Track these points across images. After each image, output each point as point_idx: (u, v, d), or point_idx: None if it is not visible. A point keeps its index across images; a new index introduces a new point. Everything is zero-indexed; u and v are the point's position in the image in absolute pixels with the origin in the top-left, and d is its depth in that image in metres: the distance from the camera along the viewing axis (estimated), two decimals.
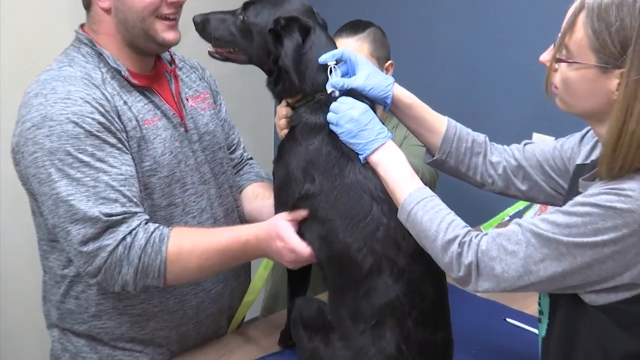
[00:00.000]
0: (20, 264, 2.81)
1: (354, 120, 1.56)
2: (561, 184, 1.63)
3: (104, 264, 1.62)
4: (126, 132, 1.70)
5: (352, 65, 1.64)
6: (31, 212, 1.81)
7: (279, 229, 1.64)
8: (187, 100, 1.91)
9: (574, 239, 1.28)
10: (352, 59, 1.64)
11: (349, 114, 1.57)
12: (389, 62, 2.37)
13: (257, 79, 1.85)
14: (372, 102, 1.66)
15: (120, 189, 1.63)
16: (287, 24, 1.65)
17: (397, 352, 1.53)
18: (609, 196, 1.27)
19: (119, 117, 1.70)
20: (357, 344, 1.56)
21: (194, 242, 1.69)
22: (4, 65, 2.70)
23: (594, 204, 1.28)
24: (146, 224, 1.66)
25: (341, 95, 1.61)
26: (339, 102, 1.60)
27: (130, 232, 1.62)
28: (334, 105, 1.60)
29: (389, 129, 1.61)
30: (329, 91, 1.61)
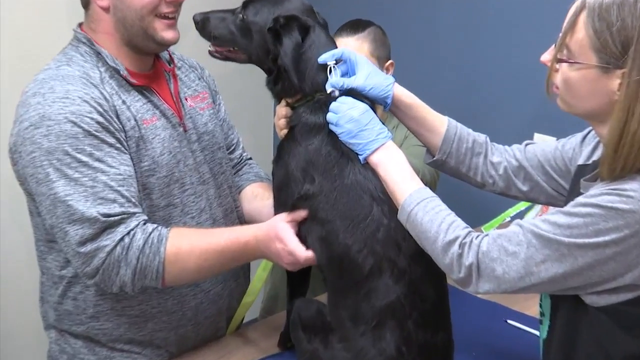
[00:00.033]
0: (19, 264, 2.80)
1: (353, 120, 1.56)
2: (562, 185, 1.62)
3: (101, 265, 1.61)
4: (125, 131, 1.70)
5: (352, 64, 1.64)
6: (29, 212, 1.80)
7: (278, 231, 1.64)
8: (186, 99, 1.90)
9: (575, 240, 1.28)
10: (352, 58, 1.64)
11: (349, 114, 1.56)
12: (389, 61, 2.37)
13: (257, 79, 1.85)
14: (372, 102, 1.65)
15: (118, 189, 1.62)
16: (287, 22, 1.64)
17: (397, 354, 1.52)
18: (610, 197, 1.27)
19: (118, 117, 1.69)
20: (357, 346, 1.55)
21: (192, 243, 1.68)
22: (2, 64, 2.69)
23: (596, 205, 1.27)
24: (144, 224, 1.65)
25: (341, 95, 1.60)
26: (338, 102, 1.59)
27: (128, 233, 1.61)
28: (334, 105, 1.59)
29: (389, 129, 1.60)
30: (328, 91, 1.61)
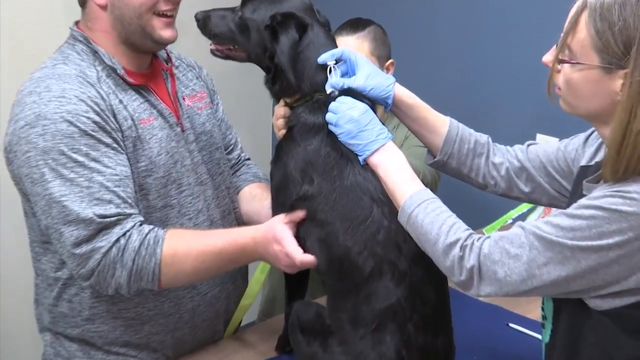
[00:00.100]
0: (15, 265, 2.80)
1: (353, 120, 1.54)
2: (565, 186, 1.61)
3: (97, 266, 1.60)
4: (121, 131, 1.69)
5: (352, 64, 1.63)
6: (23, 212, 1.79)
7: (276, 232, 1.63)
8: (184, 99, 1.89)
9: (578, 243, 1.27)
10: (352, 58, 1.63)
11: (349, 114, 1.55)
12: (390, 61, 2.37)
13: (255, 78, 1.84)
14: (373, 102, 1.64)
15: (114, 189, 1.61)
16: (284, 20, 1.63)
17: (397, 357, 1.51)
18: (614, 199, 1.25)
19: (114, 116, 1.68)
20: (357, 349, 1.54)
21: (189, 245, 1.67)
22: None
23: (599, 207, 1.26)
24: (140, 225, 1.64)
25: (340, 94, 1.59)
26: (338, 102, 1.58)
27: (124, 234, 1.60)
28: (333, 105, 1.58)
29: (389, 130, 1.59)
30: (328, 92, 1.60)
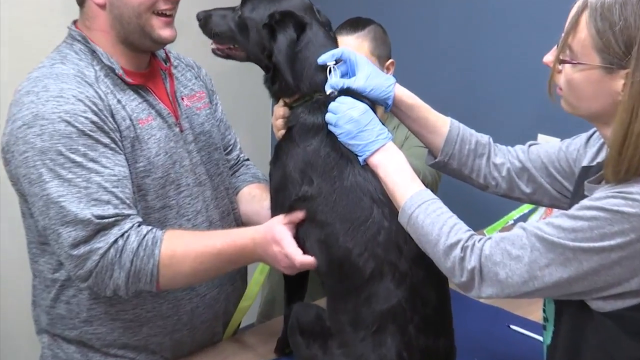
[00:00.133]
0: (13, 266, 2.79)
1: (353, 120, 1.54)
2: (566, 187, 1.60)
3: (95, 268, 1.59)
4: (120, 131, 1.68)
5: (352, 65, 1.62)
6: (21, 213, 1.78)
7: (276, 233, 1.62)
8: (183, 99, 1.88)
9: (580, 244, 1.26)
10: (352, 58, 1.62)
11: (349, 114, 1.54)
12: (390, 60, 2.36)
13: (254, 78, 1.83)
14: (373, 102, 1.63)
15: (112, 190, 1.60)
16: (282, 18, 1.63)
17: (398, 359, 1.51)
18: (616, 200, 1.25)
19: (113, 116, 1.67)
20: (357, 351, 1.54)
21: (188, 246, 1.66)
22: None
23: (601, 208, 1.25)
24: (139, 226, 1.63)
25: (340, 94, 1.58)
26: (337, 102, 1.57)
27: (122, 235, 1.59)
28: (333, 105, 1.57)
29: (389, 130, 1.58)
30: (327, 92, 1.59)
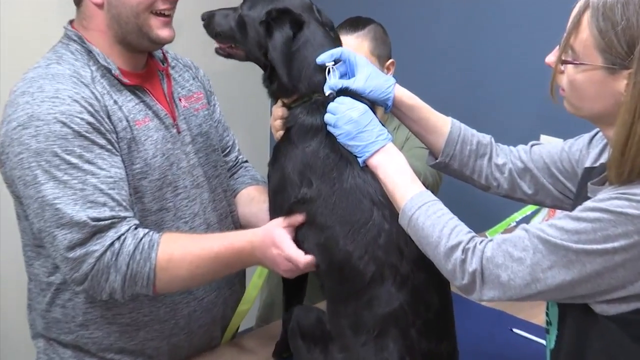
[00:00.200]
0: (16, 267, 2.75)
1: (352, 121, 1.52)
2: (569, 187, 1.59)
3: (90, 271, 1.58)
4: (116, 132, 1.67)
5: (352, 65, 1.61)
6: (16, 215, 1.77)
7: (275, 237, 1.61)
8: (180, 100, 1.87)
9: (583, 246, 1.24)
10: (352, 59, 1.61)
11: (348, 115, 1.53)
12: (390, 60, 2.35)
13: (252, 79, 1.82)
14: (373, 103, 1.62)
15: (109, 192, 1.59)
16: (278, 15, 1.62)
17: None
18: (619, 201, 1.23)
19: (109, 117, 1.66)
20: (359, 356, 1.53)
21: (185, 249, 1.65)
22: None
23: (604, 210, 1.24)
24: (135, 229, 1.62)
25: (339, 94, 1.57)
26: (337, 102, 1.56)
27: (118, 238, 1.58)
28: (332, 105, 1.56)
29: (389, 131, 1.57)
30: (326, 93, 1.58)
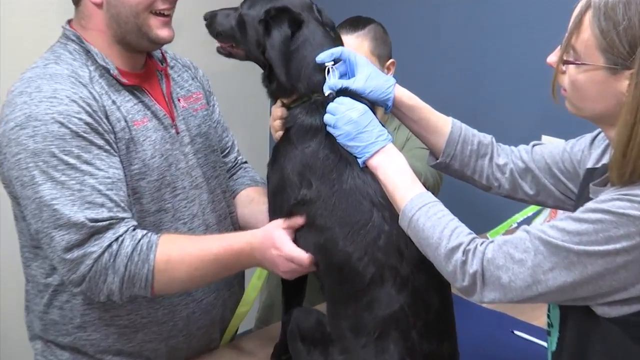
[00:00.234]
0: (16, 268, 2.74)
1: (352, 121, 1.52)
2: (571, 188, 1.58)
3: (88, 272, 1.57)
4: (114, 133, 1.66)
5: (352, 65, 1.60)
6: (13, 216, 1.76)
7: (275, 238, 1.60)
8: (179, 100, 1.86)
9: (584, 247, 1.23)
10: (352, 58, 1.60)
11: (348, 115, 1.52)
12: (391, 60, 2.34)
13: (252, 79, 1.82)
14: (373, 103, 1.61)
15: (107, 193, 1.58)
16: (277, 14, 1.61)
17: None
18: (621, 202, 1.22)
19: (107, 118, 1.65)
20: (359, 358, 1.52)
21: (184, 250, 1.64)
22: None
23: (606, 211, 1.23)
24: (134, 230, 1.61)
25: (338, 94, 1.56)
26: (336, 102, 1.55)
27: (116, 239, 1.57)
28: (332, 106, 1.55)
29: (389, 132, 1.56)
30: (326, 94, 1.57)
